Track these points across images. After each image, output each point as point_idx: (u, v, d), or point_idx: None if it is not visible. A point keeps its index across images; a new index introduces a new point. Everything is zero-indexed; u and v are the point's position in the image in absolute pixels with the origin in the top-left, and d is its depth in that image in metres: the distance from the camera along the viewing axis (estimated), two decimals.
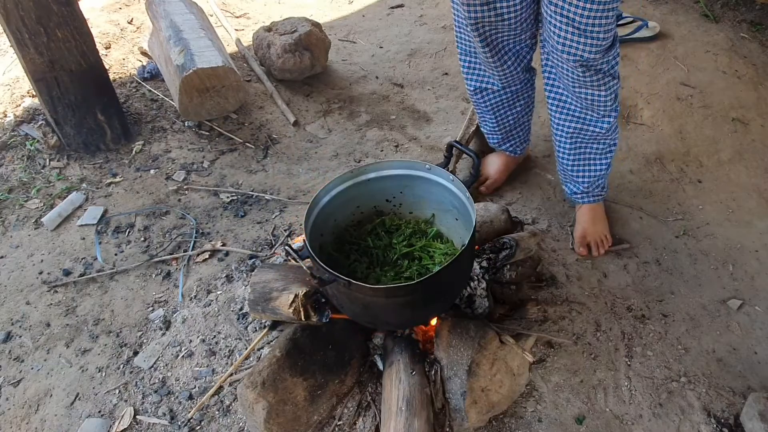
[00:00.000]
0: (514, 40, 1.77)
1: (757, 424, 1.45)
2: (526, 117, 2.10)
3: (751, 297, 1.86)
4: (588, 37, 1.52)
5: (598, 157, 1.90)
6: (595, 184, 1.95)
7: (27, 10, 1.93)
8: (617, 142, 1.89)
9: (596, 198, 1.98)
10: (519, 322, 1.69)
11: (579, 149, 1.89)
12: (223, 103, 2.44)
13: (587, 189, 1.96)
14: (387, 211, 1.69)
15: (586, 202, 1.99)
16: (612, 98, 1.71)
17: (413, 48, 3.09)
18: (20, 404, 1.61)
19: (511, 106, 2.02)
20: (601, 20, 1.48)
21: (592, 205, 1.99)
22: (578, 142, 1.87)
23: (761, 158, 2.36)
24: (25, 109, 2.50)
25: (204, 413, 1.54)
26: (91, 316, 1.81)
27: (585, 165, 1.93)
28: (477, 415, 1.42)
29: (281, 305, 1.47)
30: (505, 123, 2.08)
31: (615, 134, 1.85)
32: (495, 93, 1.97)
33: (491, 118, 2.07)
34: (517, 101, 2.00)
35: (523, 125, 2.12)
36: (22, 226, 2.09)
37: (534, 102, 2.08)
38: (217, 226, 2.09)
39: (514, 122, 2.08)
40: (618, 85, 1.71)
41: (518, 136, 2.14)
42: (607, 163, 1.91)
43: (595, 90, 1.68)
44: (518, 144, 2.17)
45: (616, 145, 1.89)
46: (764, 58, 2.83)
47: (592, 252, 1.95)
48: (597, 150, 1.88)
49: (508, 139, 2.14)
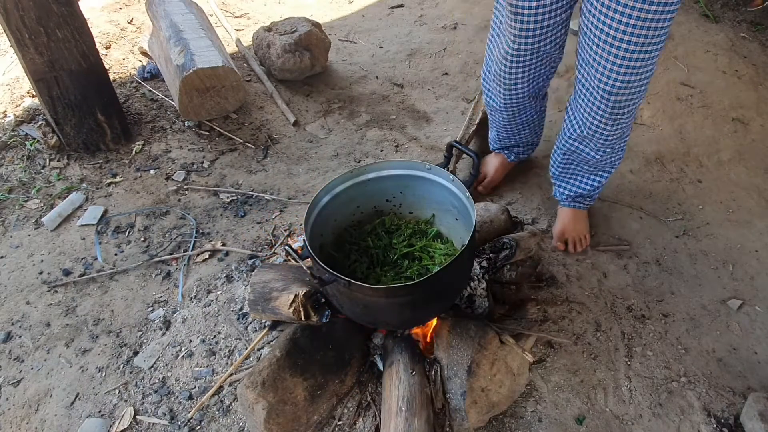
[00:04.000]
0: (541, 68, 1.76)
1: (757, 424, 1.45)
2: (525, 134, 2.10)
3: (751, 297, 1.86)
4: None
5: (585, 177, 1.91)
6: (581, 196, 1.96)
7: (27, 10, 1.93)
8: (613, 170, 1.88)
9: (578, 205, 1.98)
10: (519, 322, 1.69)
11: (569, 164, 1.91)
12: (223, 103, 2.44)
13: (572, 196, 1.97)
14: (387, 211, 1.69)
15: (567, 206, 2.00)
16: (618, 138, 1.71)
17: (413, 48, 3.09)
18: (20, 404, 1.61)
19: (510, 123, 2.03)
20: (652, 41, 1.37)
21: (574, 209, 2.00)
22: (570, 159, 1.89)
23: (761, 158, 2.36)
24: (25, 109, 2.50)
25: (204, 413, 1.54)
26: (91, 316, 1.81)
27: (571, 179, 1.95)
28: (477, 415, 1.42)
29: (281, 305, 1.47)
30: (502, 136, 2.12)
31: (610, 165, 1.84)
32: (496, 111, 1.99)
33: (492, 127, 2.12)
34: (517, 118, 2.01)
35: (522, 139, 2.12)
36: (22, 226, 2.09)
37: (541, 122, 2.09)
38: (217, 226, 2.09)
39: (509, 137, 2.11)
40: (629, 128, 1.70)
41: (516, 149, 2.17)
42: (594, 185, 1.91)
43: (608, 127, 1.65)
44: (515, 153, 2.19)
45: (610, 173, 1.89)
46: (764, 58, 2.83)
47: (569, 249, 1.97)
48: (587, 170, 1.89)
49: (506, 147, 2.17)
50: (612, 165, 1.85)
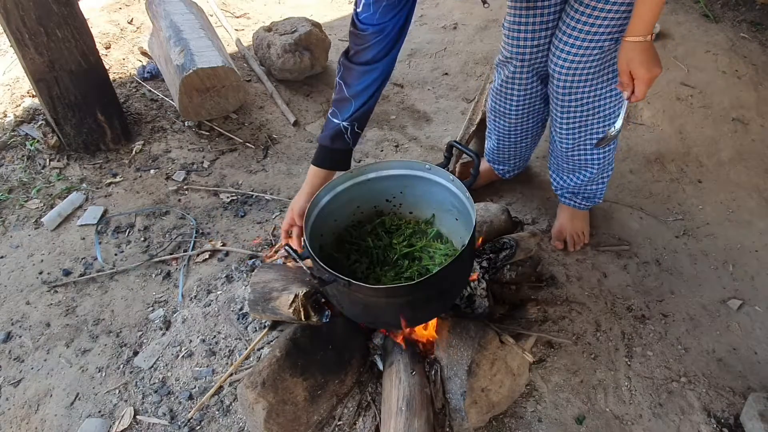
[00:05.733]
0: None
1: (757, 424, 1.45)
2: (527, 143, 2.05)
3: (751, 297, 1.86)
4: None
5: (567, 172, 1.91)
6: (572, 192, 1.95)
7: (27, 10, 1.93)
8: (587, 173, 1.86)
9: (574, 204, 1.97)
10: (519, 322, 1.69)
11: (553, 155, 1.91)
12: (223, 103, 2.44)
13: (565, 189, 1.96)
14: (387, 211, 1.69)
15: (565, 203, 1.99)
16: (575, 131, 1.74)
17: (413, 48, 3.09)
18: (20, 404, 1.61)
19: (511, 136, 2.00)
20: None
21: (573, 208, 1.99)
22: (551, 149, 1.89)
23: (761, 158, 2.36)
24: (25, 109, 2.50)
25: (204, 413, 1.54)
26: (91, 316, 1.81)
27: (559, 170, 1.93)
28: (477, 415, 1.42)
29: (281, 305, 1.47)
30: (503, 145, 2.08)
31: (581, 165, 1.84)
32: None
33: (491, 136, 2.09)
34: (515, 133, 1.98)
35: (522, 150, 2.08)
36: (22, 226, 2.09)
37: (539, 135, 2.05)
38: (217, 226, 2.09)
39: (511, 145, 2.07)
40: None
41: (514, 160, 2.13)
42: (577, 183, 1.90)
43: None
44: (511, 167, 2.16)
45: (587, 177, 1.87)
46: (764, 58, 2.83)
47: (568, 248, 1.96)
48: (566, 167, 1.89)
49: (502, 161, 2.13)
50: (583, 166, 1.84)
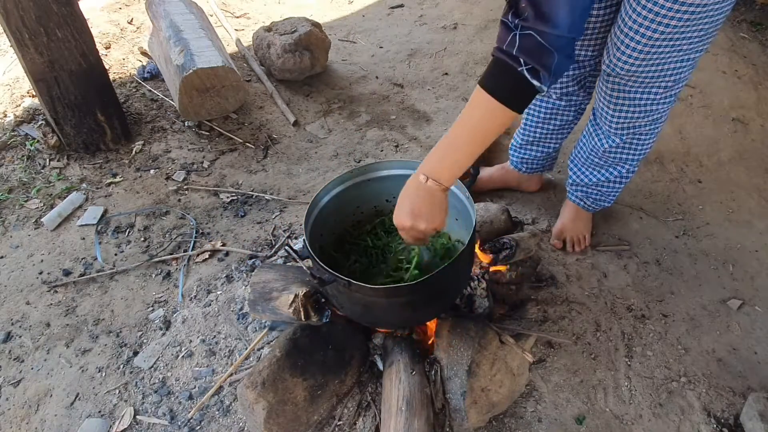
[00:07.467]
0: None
1: (757, 424, 1.45)
2: (543, 144, 2.01)
3: (751, 297, 1.86)
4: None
5: (593, 167, 1.86)
6: (584, 189, 1.92)
7: (27, 10, 1.93)
8: (623, 170, 1.81)
9: (581, 203, 1.95)
10: (519, 322, 1.69)
11: (581, 150, 1.88)
12: (223, 103, 2.44)
13: (577, 184, 1.93)
14: (387, 211, 1.69)
15: (572, 199, 1.97)
16: (624, 128, 1.69)
17: (413, 48, 3.09)
18: (20, 404, 1.61)
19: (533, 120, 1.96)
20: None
21: (578, 207, 1.98)
22: (582, 143, 1.86)
23: (761, 158, 2.36)
24: (25, 109, 2.50)
25: (204, 413, 1.54)
26: (91, 316, 1.81)
27: (582, 165, 1.89)
28: (477, 415, 1.42)
29: (281, 305, 1.47)
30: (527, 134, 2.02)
31: (619, 160, 1.79)
32: None
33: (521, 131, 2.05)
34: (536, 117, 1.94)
35: (552, 143, 2.02)
36: (22, 226, 2.09)
37: (558, 141, 2.01)
38: (217, 226, 2.09)
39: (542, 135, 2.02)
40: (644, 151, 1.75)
41: (543, 149, 2.04)
42: (599, 179, 1.86)
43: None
44: (538, 163, 2.08)
45: (621, 173, 1.83)
46: (764, 58, 2.83)
47: (567, 248, 1.96)
48: (596, 162, 1.84)
49: (528, 159, 2.06)
50: (616, 163, 1.79)
